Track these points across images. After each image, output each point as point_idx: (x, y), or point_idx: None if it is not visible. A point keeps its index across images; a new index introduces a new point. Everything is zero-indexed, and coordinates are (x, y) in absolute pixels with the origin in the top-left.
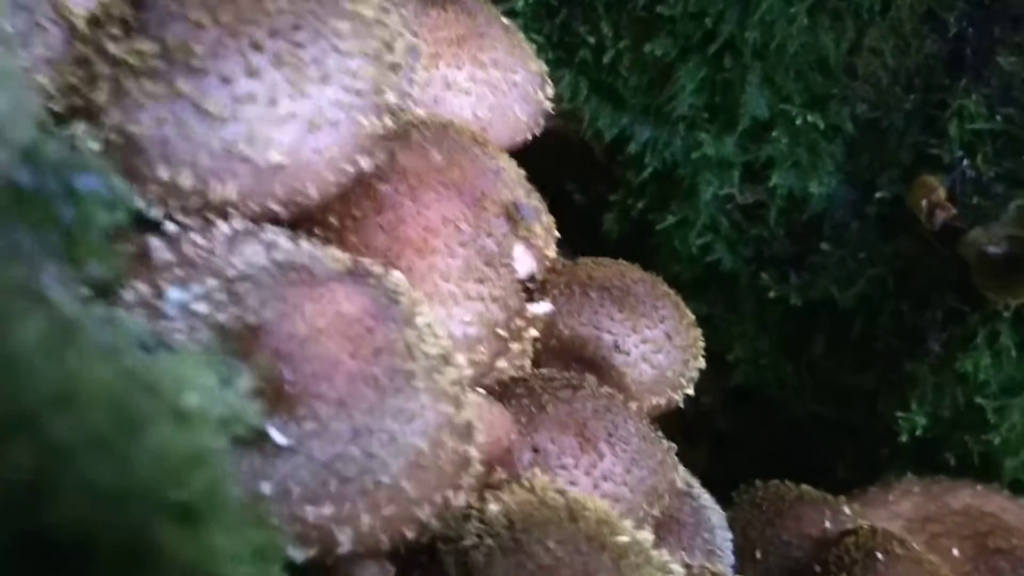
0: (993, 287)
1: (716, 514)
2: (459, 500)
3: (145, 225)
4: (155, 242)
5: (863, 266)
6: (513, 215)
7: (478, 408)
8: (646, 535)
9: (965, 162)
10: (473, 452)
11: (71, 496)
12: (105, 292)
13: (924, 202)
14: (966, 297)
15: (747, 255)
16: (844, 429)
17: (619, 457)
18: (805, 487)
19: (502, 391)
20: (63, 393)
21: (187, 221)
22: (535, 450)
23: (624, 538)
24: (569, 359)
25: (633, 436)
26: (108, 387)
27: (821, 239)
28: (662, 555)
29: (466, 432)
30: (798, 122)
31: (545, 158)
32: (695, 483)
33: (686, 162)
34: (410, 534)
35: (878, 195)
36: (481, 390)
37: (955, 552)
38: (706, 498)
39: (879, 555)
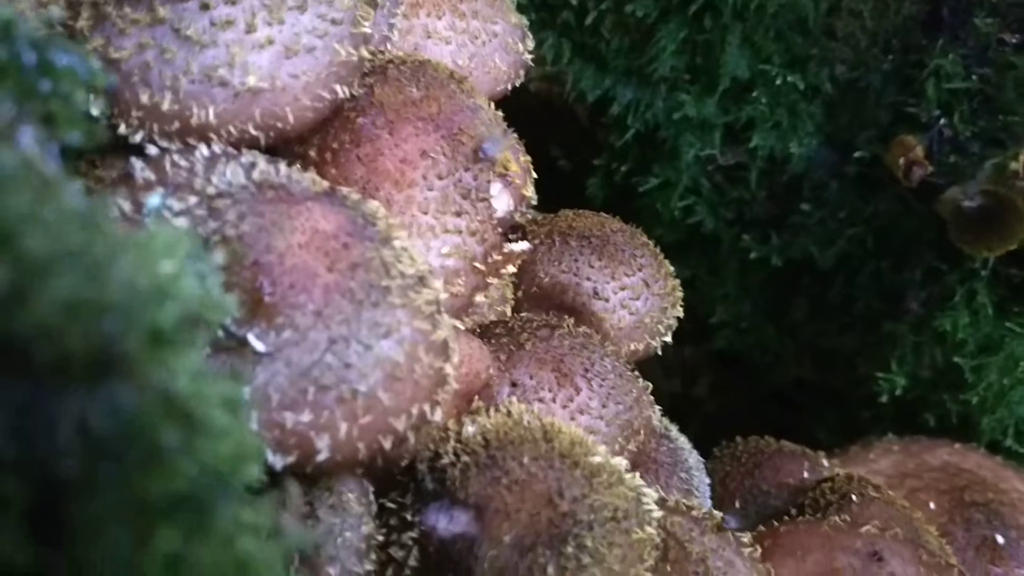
0: (968, 241)
1: (694, 457)
2: (436, 415)
3: (128, 148)
4: (137, 163)
5: (843, 226)
6: (478, 156)
7: (458, 342)
8: (620, 460)
9: (942, 121)
10: (449, 370)
11: (45, 305)
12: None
13: (902, 160)
14: (944, 256)
15: (729, 217)
16: (826, 393)
17: (595, 391)
18: (784, 441)
19: (483, 332)
20: (38, 212)
21: (168, 145)
22: (514, 384)
23: (597, 459)
24: (549, 306)
25: (609, 372)
26: (82, 214)
27: (801, 200)
28: (635, 478)
29: (442, 350)
30: (778, 82)
31: (530, 124)
32: (673, 428)
33: (668, 123)
34: (387, 444)
35: (857, 155)
36: (461, 325)
37: (932, 505)
38: (683, 441)
39: (853, 497)
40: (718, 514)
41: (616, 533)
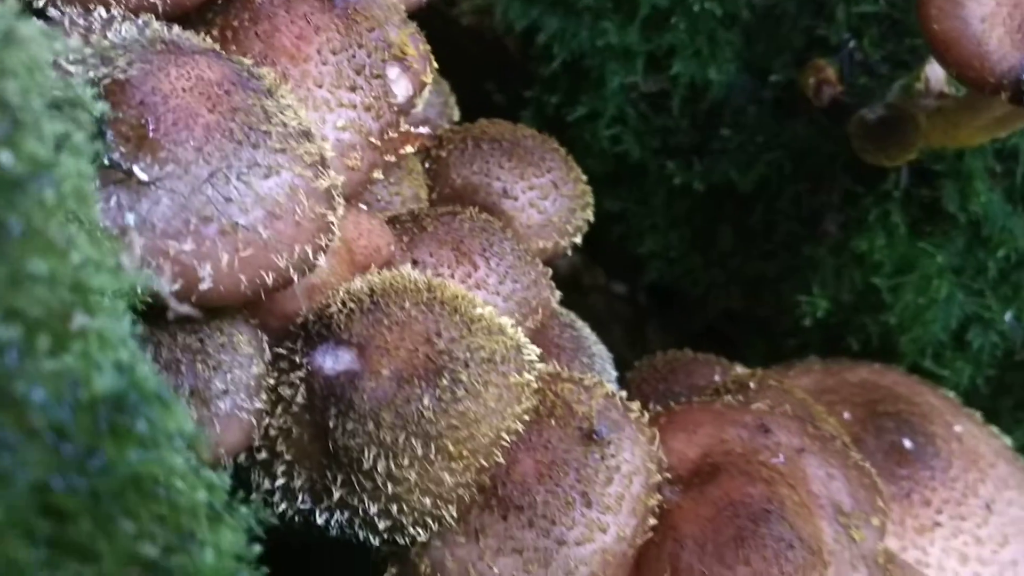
0: (870, 150)
1: (598, 346)
2: (319, 260)
3: (32, 14)
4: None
5: (761, 150)
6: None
7: (358, 217)
8: (506, 319)
9: (852, 44)
10: (332, 218)
11: None
12: None
13: (812, 80)
14: (860, 178)
15: (654, 146)
16: (754, 323)
17: (493, 269)
18: (700, 353)
19: (391, 221)
20: None
21: (69, 9)
22: (415, 263)
23: (479, 311)
24: (461, 205)
25: (508, 254)
26: None
27: (722, 126)
28: (518, 333)
29: (325, 198)
30: (696, 10)
31: (463, 58)
32: (579, 321)
33: (593, 52)
34: (269, 281)
35: (773, 79)
36: (363, 206)
37: (846, 415)
38: (588, 331)
39: (751, 384)
40: (610, 384)
41: (492, 373)
